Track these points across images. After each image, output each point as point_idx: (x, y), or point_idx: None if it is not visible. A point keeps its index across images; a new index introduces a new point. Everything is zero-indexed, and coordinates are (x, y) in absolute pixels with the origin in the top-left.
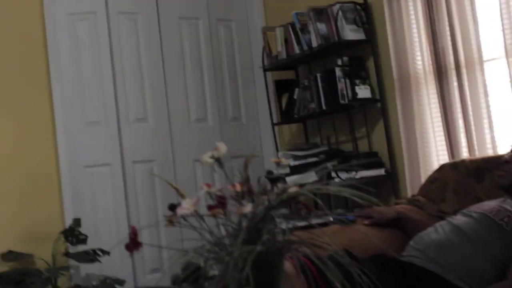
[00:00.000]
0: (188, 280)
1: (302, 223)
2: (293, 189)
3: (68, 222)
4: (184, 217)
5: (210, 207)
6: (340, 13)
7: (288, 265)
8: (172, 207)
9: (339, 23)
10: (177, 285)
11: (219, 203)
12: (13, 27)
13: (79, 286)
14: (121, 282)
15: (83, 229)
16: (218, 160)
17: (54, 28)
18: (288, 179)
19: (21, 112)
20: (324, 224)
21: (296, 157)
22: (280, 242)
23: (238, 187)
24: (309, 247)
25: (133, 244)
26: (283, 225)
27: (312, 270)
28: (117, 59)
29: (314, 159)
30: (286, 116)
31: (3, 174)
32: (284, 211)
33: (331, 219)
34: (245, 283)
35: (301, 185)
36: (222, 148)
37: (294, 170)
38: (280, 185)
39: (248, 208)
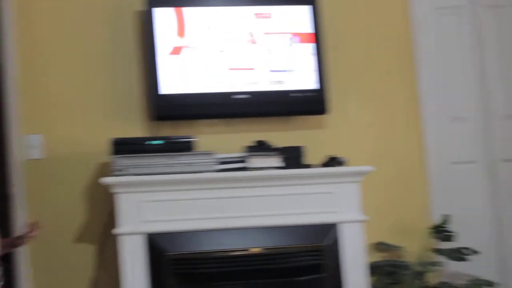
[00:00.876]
0: None
1: None
2: None
3: (436, 218)
4: None
5: None
6: None
7: None
8: None
9: None
10: None
11: None
12: (379, 23)
13: (446, 283)
14: (492, 284)
15: (451, 226)
16: None
17: (419, 22)
18: None
19: (387, 105)
20: None
21: None
22: None
23: None
24: None
25: None
26: None
27: None
28: (484, 54)
29: None
30: None
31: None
32: None
33: None
34: None
35: None
36: None
37: None
38: None
39: None
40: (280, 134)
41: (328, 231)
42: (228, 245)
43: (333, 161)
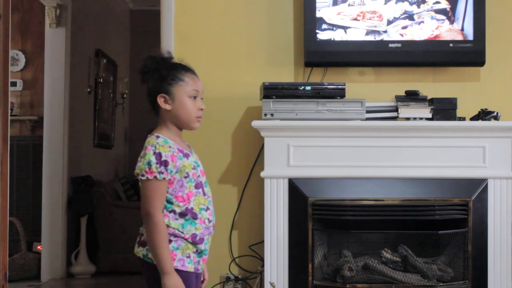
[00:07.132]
0: None
1: None
2: None
3: None
4: None
5: None
6: None
7: None
8: None
9: None
10: None
11: None
12: None
13: None
14: None
15: None
16: None
17: None
18: None
19: None
20: None
21: None
22: None
23: None
24: None
25: None
26: None
27: None
28: None
29: None
30: None
31: None
32: None
33: None
34: None
35: None
36: None
37: None
38: None
39: None
40: (431, 85)
41: (476, 186)
42: (371, 194)
43: (486, 115)
